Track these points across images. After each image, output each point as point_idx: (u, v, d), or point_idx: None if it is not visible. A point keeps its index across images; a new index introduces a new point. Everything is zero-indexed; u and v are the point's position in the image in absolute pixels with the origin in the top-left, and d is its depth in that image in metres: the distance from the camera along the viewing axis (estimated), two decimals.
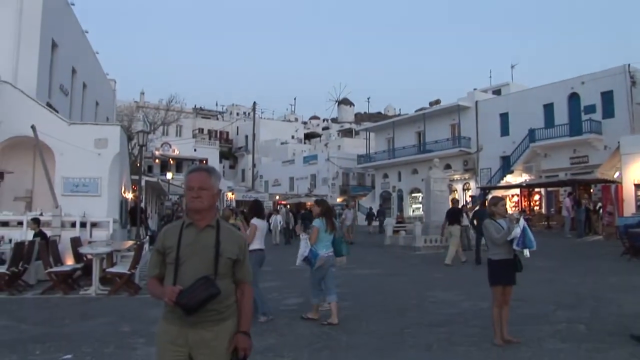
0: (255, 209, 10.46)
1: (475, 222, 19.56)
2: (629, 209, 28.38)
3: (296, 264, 10.09)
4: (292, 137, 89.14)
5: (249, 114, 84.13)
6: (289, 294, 12.62)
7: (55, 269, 13.38)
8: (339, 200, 58.68)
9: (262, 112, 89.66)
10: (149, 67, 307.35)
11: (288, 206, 46.80)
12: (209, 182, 3.62)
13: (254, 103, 65.07)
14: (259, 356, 6.99)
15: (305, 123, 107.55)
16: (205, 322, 3.45)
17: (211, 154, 68.76)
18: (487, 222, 8.08)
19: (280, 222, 31.55)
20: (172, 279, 3.44)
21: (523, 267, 7.93)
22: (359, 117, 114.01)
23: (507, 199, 39.27)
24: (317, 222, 9.73)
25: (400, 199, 54.50)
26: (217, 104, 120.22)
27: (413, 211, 51.27)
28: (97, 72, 33.56)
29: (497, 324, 7.79)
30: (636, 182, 27.86)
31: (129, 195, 24.56)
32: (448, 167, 47.58)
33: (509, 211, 25.80)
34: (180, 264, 3.47)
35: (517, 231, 7.81)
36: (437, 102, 71.21)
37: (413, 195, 53.03)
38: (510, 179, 41.23)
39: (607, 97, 37.92)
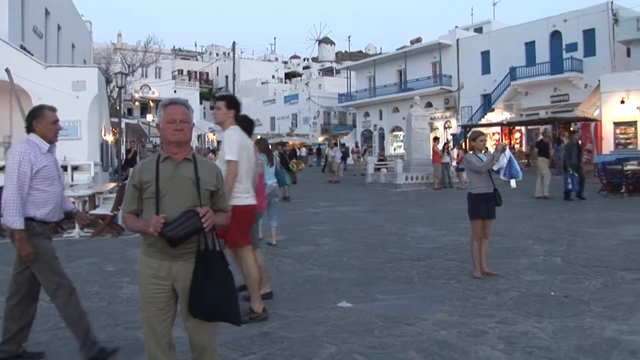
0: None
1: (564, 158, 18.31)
2: (608, 146, 28.70)
3: None
4: (273, 77, 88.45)
5: (228, 54, 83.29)
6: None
7: None
8: (320, 139, 58.68)
9: (242, 52, 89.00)
10: (125, 8, 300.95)
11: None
12: (189, 115, 3.65)
13: (234, 43, 64.19)
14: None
15: (285, 63, 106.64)
16: (187, 253, 3.50)
17: (191, 95, 68.09)
18: (468, 155, 8.17)
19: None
20: (154, 213, 3.46)
21: (502, 202, 8.05)
22: (340, 56, 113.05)
23: (488, 136, 39.45)
24: (261, 157, 10.54)
25: (382, 137, 54.57)
26: (196, 45, 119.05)
27: (394, 149, 51.44)
28: (72, 13, 32.81)
29: (476, 257, 7.95)
30: (615, 121, 28.10)
31: (109, 138, 24.42)
32: (429, 105, 47.59)
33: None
34: (160, 197, 3.49)
35: (503, 161, 7.91)
36: (418, 40, 70.52)
37: (394, 133, 53.11)
38: (491, 117, 41.36)
39: (589, 35, 37.84)
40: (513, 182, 8.15)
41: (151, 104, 63.70)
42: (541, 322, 5.79)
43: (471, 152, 8.26)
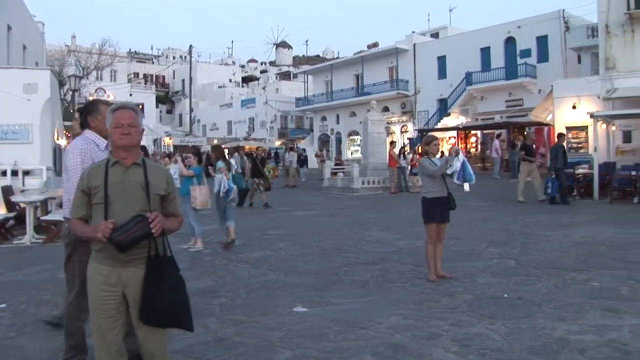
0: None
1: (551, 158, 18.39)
2: None
3: (220, 195, 11.40)
4: (230, 80, 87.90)
5: (185, 57, 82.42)
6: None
7: None
8: (277, 143, 58.59)
9: (198, 56, 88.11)
10: (79, 10, 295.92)
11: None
12: (137, 119, 3.62)
13: (190, 46, 63.80)
14: (197, 297, 7.03)
15: (243, 66, 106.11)
16: (137, 259, 3.46)
17: (147, 99, 67.40)
18: (422, 159, 8.23)
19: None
20: (102, 218, 3.41)
21: (456, 205, 8.11)
22: (298, 60, 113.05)
23: (444, 141, 39.85)
24: (221, 163, 11.59)
25: (339, 141, 54.71)
26: (152, 48, 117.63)
27: (352, 153, 51.58)
28: (23, 13, 32.03)
29: (431, 260, 8.01)
30: (567, 125, 28.56)
31: (62, 142, 23.96)
32: (386, 109, 47.84)
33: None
34: (109, 202, 3.45)
35: (457, 165, 7.99)
36: (376, 45, 70.93)
37: (351, 137, 53.24)
38: (447, 121, 41.74)
39: (542, 42, 38.56)
40: (466, 186, 8.24)
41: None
42: (494, 324, 5.86)
43: (425, 156, 8.33)
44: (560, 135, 19.37)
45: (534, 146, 21.55)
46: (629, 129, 27.05)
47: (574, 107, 28.35)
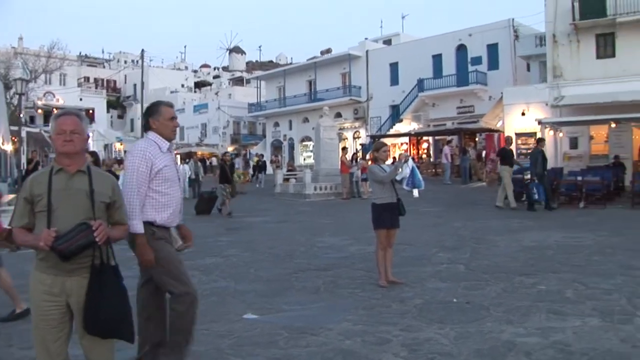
0: None
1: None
2: None
3: None
4: (182, 85, 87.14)
5: (137, 61, 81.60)
6: None
7: None
8: (230, 149, 58.32)
9: (151, 60, 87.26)
10: (26, 10, 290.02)
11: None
12: (81, 126, 3.55)
13: (142, 50, 63.00)
14: None
15: (195, 71, 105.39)
16: (82, 268, 3.40)
17: (98, 104, 66.34)
18: (372, 166, 8.29)
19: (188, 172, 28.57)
20: (45, 227, 3.33)
21: (406, 211, 8.17)
22: (251, 66, 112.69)
23: (397, 147, 40.23)
24: None
25: (292, 147, 54.71)
26: (103, 51, 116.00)
27: (304, 159, 51.63)
28: None
29: (381, 266, 8.04)
30: (516, 132, 29.09)
31: (8, 147, 23.45)
32: (338, 115, 47.99)
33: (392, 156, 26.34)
34: (52, 210, 3.38)
35: (406, 171, 8.06)
36: (329, 51, 71.32)
37: (304, 143, 53.31)
38: (399, 127, 42.08)
39: (493, 50, 39.31)
40: (416, 192, 8.31)
41: (55, 112, 61.21)
42: (443, 329, 5.91)
43: (375, 162, 8.38)
44: (540, 140, 19.01)
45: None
46: (576, 135, 27.70)
47: (523, 114, 28.92)
